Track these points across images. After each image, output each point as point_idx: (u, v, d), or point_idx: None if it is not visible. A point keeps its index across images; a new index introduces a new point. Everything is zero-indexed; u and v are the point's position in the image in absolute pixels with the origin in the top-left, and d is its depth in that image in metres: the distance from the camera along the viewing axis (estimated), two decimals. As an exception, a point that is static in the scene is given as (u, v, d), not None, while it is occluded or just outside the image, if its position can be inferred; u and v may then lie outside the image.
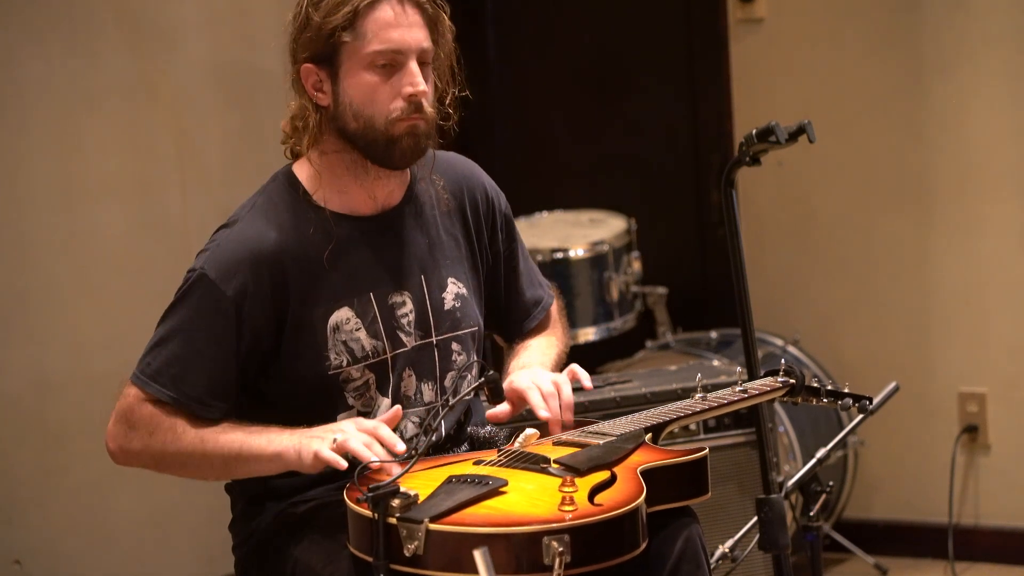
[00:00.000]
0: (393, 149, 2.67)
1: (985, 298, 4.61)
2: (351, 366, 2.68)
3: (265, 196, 2.72)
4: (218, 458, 2.60)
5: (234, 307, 2.61)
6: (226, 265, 2.63)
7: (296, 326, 2.66)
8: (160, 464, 2.66)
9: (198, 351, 2.62)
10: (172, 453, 2.62)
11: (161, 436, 2.62)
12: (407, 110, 2.65)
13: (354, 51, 2.64)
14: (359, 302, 2.70)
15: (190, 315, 2.64)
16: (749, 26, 4.86)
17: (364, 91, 2.65)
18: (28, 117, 4.06)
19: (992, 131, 4.56)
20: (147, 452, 2.64)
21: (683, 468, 2.56)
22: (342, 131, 2.68)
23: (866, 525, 4.77)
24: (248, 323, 2.63)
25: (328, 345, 2.67)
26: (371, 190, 2.74)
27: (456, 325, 2.80)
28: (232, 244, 2.65)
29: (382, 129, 2.66)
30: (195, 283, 2.64)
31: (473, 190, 2.90)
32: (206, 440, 2.60)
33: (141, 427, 2.63)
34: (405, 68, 2.65)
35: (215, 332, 2.62)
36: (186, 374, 2.62)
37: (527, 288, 3.00)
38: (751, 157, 2.98)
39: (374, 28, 2.63)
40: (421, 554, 2.30)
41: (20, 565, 4.02)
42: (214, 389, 2.62)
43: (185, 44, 4.44)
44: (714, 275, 5.02)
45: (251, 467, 2.60)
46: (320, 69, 2.67)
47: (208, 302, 2.62)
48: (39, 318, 4.08)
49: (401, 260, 2.76)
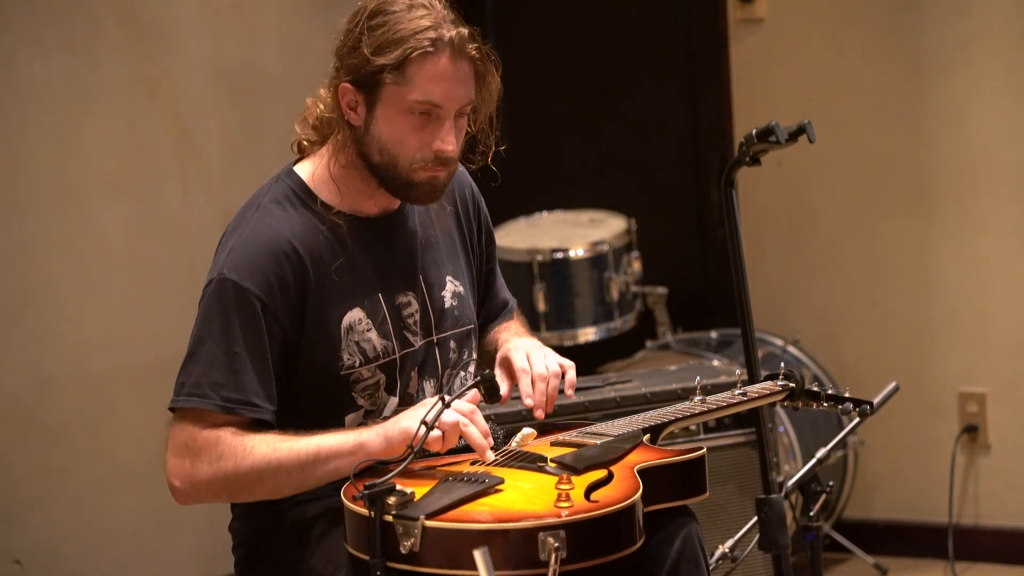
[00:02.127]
0: (410, 191, 2.68)
1: (985, 298, 4.61)
2: (363, 366, 2.68)
3: (270, 196, 2.71)
4: (294, 464, 2.52)
5: (261, 304, 2.58)
6: (247, 265, 2.59)
7: (315, 325, 2.64)
8: (234, 488, 2.55)
9: (235, 354, 2.56)
10: (245, 471, 2.52)
11: (231, 456, 2.53)
12: (432, 162, 2.64)
13: (395, 93, 2.61)
14: (369, 302, 2.70)
15: (220, 321, 2.58)
16: (749, 26, 4.86)
17: (396, 132, 2.63)
18: (28, 117, 4.06)
19: (992, 131, 4.56)
20: (217, 478, 2.54)
21: (681, 467, 2.56)
22: (364, 155, 2.67)
23: (866, 525, 4.77)
24: (277, 319, 2.60)
25: (342, 345, 2.66)
26: (376, 197, 2.74)
27: (455, 323, 2.81)
28: (249, 244, 2.62)
29: (404, 171, 2.65)
30: (218, 288, 2.59)
31: (463, 189, 2.92)
32: (278, 448, 2.53)
33: (205, 452, 2.54)
34: (442, 123, 2.63)
35: (249, 332, 2.57)
36: (227, 379, 2.55)
37: (500, 290, 3.03)
38: (751, 157, 2.98)
39: (421, 78, 2.60)
40: (417, 551, 2.30)
41: (20, 565, 4.02)
42: (258, 390, 2.57)
43: (185, 44, 4.44)
44: (714, 275, 5.02)
45: (330, 465, 2.52)
46: (359, 93, 2.64)
47: (236, 304, 2.57)
48: (39, 318, 4.08)
49: (404, 261, 2.77)
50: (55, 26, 4.11)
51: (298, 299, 2.62)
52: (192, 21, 4.46)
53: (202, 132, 4.48)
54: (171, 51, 4.41)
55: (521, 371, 2.70)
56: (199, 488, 2.56)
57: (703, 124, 5.04)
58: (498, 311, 3.02)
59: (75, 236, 4.16)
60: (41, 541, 4.07)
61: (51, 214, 4.11)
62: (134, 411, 4.27)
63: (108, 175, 4.24)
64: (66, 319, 4.14)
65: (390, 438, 2.49)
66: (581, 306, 4.52)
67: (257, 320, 2.57)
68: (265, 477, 2.52)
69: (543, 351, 2.75)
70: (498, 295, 3.02)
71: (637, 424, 2.70)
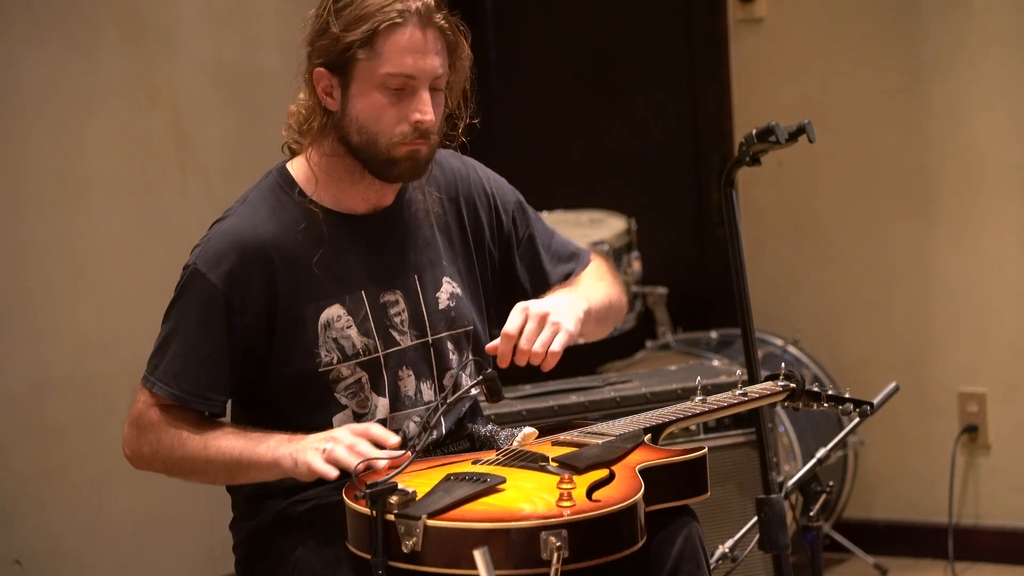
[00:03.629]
0: (392, 169, 2.68)
1: (985, 298, 4.61)
2: (341, 364, 2.68)
3: (257, 191, 2.74)
4: (220, 464, 2.61)
5: (223, 298, 2.63)
6: (215, 257, 2.65)
7: (287, 321, 2.66)
8: (171, 469, 2.68)
9: (194, 346, 2.63)
10: (179, 459, 2.64)
11: (168, 442, 2.64)
12: (411, 135, 2.65)
13: (367, 69, 2.63)
14: (350, 299, 2.70)
15: (184, 311, 2.66)
16: (749, 26, 4.86)
17: (372, 109, 2.64)
18: (28, 117, 4.06)
19: (992, 131, 4.56)
20: (157, 457, 2.67)
21: (682, 467, 2.56)
22: (344, 139, 2.68)
23: (866, 525, 4.77)
24: (239, 314, 2.63)
25: (319, 342, 2.67)
26: (365, 192, 2.74)
27: (451, 324, 2.80)
28: (221, 237, 2.67)
29: (384, 149, 2.65)
30: (188, 278, 2.67)
31: (469, 189, 2.89)
32: (208, 446, 2.61)
33: (150, 432, 2.66)
34: (416, 94, 2.64)
35: (208, 324, 2.63)
36: (185, 370, 2.63)
37: (553, 268, 2.94)
38: (751, 157, 2.98)
39: (391, 50, 2.62)
40: (419, 550, 2.30)
41: (20, 565, 4.02)
42: (212, 383, 2.64)
43: (185, 44, 4.44)
44: (714, 275, 5.02)
45: (251, 474, 2.61)
46: (332, 76, 2.66)
47: (200, 295, 2.64)
48: (39, 318, 4.08)
49: (394, 259, 2.76)
50: (55, 26, 4.11)
51: (267, 296, 2.65)
52: (192, 21, 4.46)
53: (202, 132, 4.48)
54: (171, 51, 4.41)
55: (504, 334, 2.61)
56: (143, 461, 2.69)
57: (703, 124, 5.03)
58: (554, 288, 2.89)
59: (75, 236, 4.16)
60: (41, 541, 4.07)
61: (51, 214, 4.11)
62: (134, 411, 4.26)
63: (108, 175, 4.24)
64: (66, 319, 4.14)
65: (297, 464, 2.52)
66: (581, 306, 4.51)
67: (218, 314, 2.63)
68: (197, 468, 2.64)
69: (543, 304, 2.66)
70: (551, 274, 2.92)
71: (638, 424, 2.70)
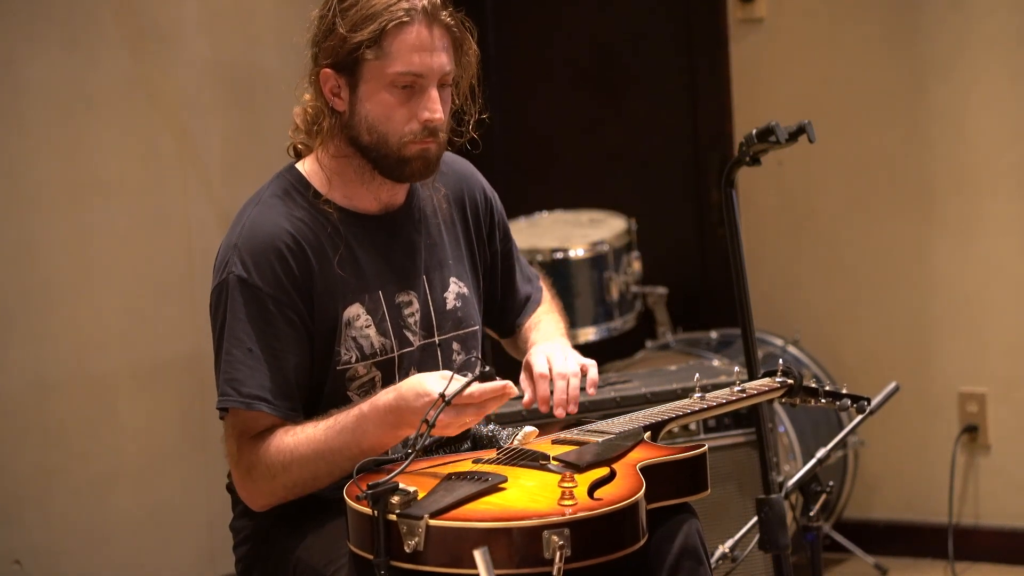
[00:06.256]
0: (403, 168, 2.68)
1: (985, 298, 4.61)
2: (359, 363, 2.68)
3: (271, 192, 2.72)
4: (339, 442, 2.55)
5: (273, 300, 2.60)
6: (253, 261, 2.61)
7: (318, 319, 2.65)
8: (296, 486, 2.60)
9: (270, 354, 2.59)
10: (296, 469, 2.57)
11: (296, 465, 2.57)
12: (421, 133, 2.66)
13: (376, 68, 2.63)
14: (370, 299, 2.70)
15: (240, 322, 2.60)
16: (749, 26, 4.86)
17: (381, 109, 2.65)
18: (28, 117, 4.06)
19: (992, 131, 4.56)
20: (278, 485, 2.59)
21: (682, 465, 2.56)
22: (353, 140, 2.68)
23: (866, 525, 4.77)
24: (292, 309, 2.61)
25: (340, 340, 2.67)
26: (376, 192, 2.75)
27: (458, 325, 2.81)
28: (253, 241, 2.63)
29: (394, 148, 2.66)
30: (229, 289, 2.61)
31: (472, 190, 2.91)
32: (326, 430, 2.56)
33: (275, 466, 2.58)
34: (425, 92, 2.65)
35: (271, 326, 2.59)
36: (271, 382, 2.58)
37: (521, 285, 3.01)
38: (751, 157, 2.99)
39: (399, 49, 2.62)
40: (421, 550, 2.30)
41: (20, 565, 4.02)
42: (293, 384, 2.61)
43: (185, 44, 4.44)
44: (714, 275, 5.02)
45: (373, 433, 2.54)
46: (339, 76, 2.66)
47: (248, 302, 2.60)
48: (39, 318, 4.08)
49: (406, 260, 2.77)
50: (55, 25, 4.11)
51: (306, 289, 2.64)
52: (192, 21, 4.46)
53: (202, 132, 4.48)
54: (171, 51, 4.41)
55: (540, 377, 2.69)
56: (267, 501, 2.62)
57: (703, 124, 5.03)
58: (521, 307, 3.00)
59: (75, 236, 4.16)
60: (41, 541, 4.07)
61: (51, 214, 4.11)
62: (134, 411, 4.27)
63: (108, 175, 4.24)
64: (66, 319, 4.14)
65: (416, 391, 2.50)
66: (581, 306, 4.52)
67: (271, 315, 2.60)
68: (320, 466, 2.57)
69: (564, 352, 2.74)
70: (520, 290, 3.00)
71: (638, 422, 2.70)
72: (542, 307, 3.02)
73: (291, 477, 2.58)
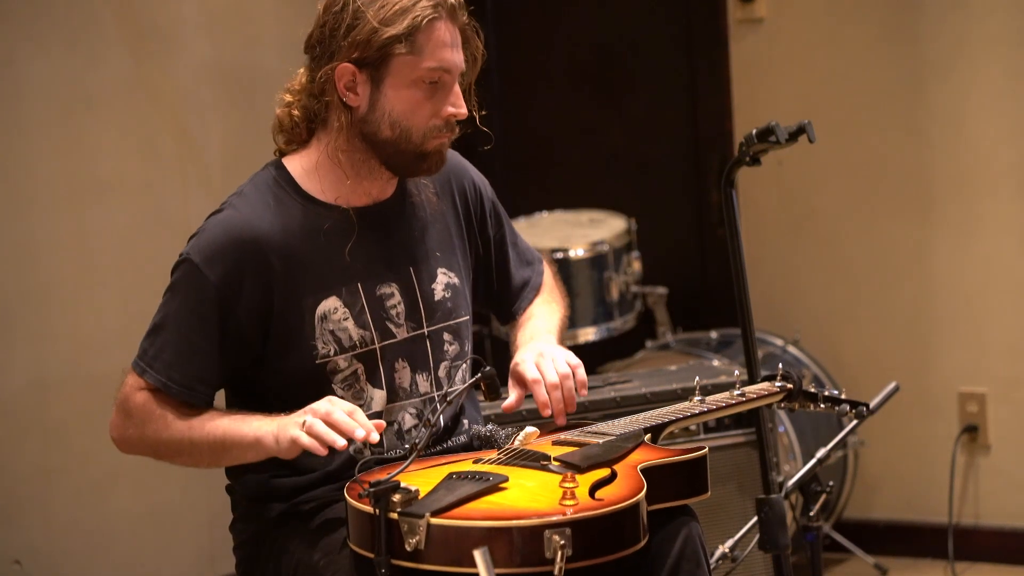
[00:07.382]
0: (421, 163, 2.70)
1: (985, 298, 4.61)
2: (338, 356, 2.69)
3: (252, 184, 2.74)
4: (205, 445, 2.63)
5: (216, 292, 2.63)
6: (210, 251, 2.65)
7: (283, 314, 2.66)
8: (157, 452, 2.70)
9: (185, 337, 2.64)
10: (164, 441, 2.66)
11: (153, 425, 2.65)
12: (443, 128, 2.67)
13: (407, 64, 2.63)
14: (347, 291, 2.70)
15: (178, 301, 2.66)
16: (749, 26, 4.86)
17: (407, 104, 2.65)
18: (28, 117, 4.07)
19: (992, 131, 4.56)
20: (143, 441, 2.68)
21: (683, 467, 2.57)
22: (368, 135, 2.68)
23: (866, 525, 4.77)
24: (232, 308, 2.64)
25: (315, 334, 2.67)
26: (369, 186, 2.75)
27: (447, 315, 2.81)
28: (217, 230, 2.67)
29: (417, 143, 2.67)
30: (183, 269, 2.67)
31: (461, 180, 2.92)
32: (193, 428, 2.63)
33: (135, 416, 2.67)
34: (449, 88, 2.66)
35: (200, 317, 2.64)
36: (175, 360, 2.64)
37: (516, 271, 3.01)
38: (751, 157, 2.99)
39: (431, 45, 2.63)
40: (422, 549, 2.31)
41: (20, 565, 4.02)
42: (201, 374, 2.65)
43: (185, 44, 4.44)
44: (714, 275, 5.02)
45: (235, 454, 2.62)
46: (360, 72, 2.65)
47: (193, 287, 2.64)
48: (39, 318, 4.08)
49: (390, 252, 2.76)
50: (55, 25, 4.11)
51: (262, 290, 2.65)
52: (192, 21, 4.46)
53: (202, 132, 4.48)
54: (171, 51, 4.41)
55: (533, 382, 2.70)
56: (129, 444, 2.71)
57: (703, 124, 5.03)
58: (517, 294, 3.01)
59: (75, 236, 4.16)
60: (41, 541, 4.07)
61: (51, 214, 4.11)
62: (134, 411, 4.26)
63: (108, 175, 4.24)
64: (66, 319, 4.14)
65: (279, 440, 2.54)
66: (581, 306, 4.52)
67: (211, 307, 2.63)
68: (182, 450, 2.66)
69: (551, 354, 2.75)
70: (515, 276, 3.01)
71: (638, 424, 2.71)
72: (540, 296, 3.03)
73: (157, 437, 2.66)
